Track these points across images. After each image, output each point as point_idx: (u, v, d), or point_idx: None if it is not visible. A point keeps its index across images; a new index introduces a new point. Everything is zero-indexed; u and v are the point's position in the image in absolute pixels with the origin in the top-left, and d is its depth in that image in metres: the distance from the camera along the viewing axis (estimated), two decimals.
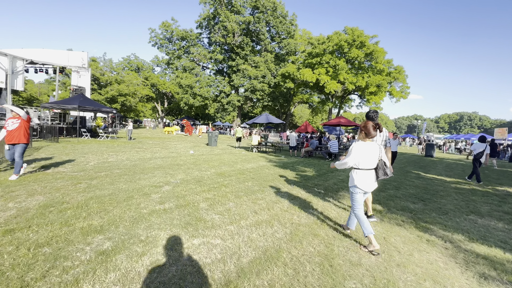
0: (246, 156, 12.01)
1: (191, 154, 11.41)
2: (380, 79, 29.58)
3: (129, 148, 12.18)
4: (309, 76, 29.36)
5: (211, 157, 10.76)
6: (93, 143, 13.73)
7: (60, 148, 10.51)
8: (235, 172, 7.24)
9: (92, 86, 36.16)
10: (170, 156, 10.03)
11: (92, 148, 11.30)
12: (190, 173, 6.79)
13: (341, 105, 38.31)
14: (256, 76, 35.71)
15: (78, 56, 18.42)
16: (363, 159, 2.88)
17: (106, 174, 6.01)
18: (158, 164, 7.98)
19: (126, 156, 9.41)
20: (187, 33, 39.02)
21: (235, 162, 9.61)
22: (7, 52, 15.03)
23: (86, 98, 15.91)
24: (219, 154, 11.94)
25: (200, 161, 9.31)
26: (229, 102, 37.47)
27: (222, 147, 16.16)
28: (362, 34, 28.50)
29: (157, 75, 45.59)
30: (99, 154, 9.40)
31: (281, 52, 41.29)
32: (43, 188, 4.46)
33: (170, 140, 18.98)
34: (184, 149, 13.22)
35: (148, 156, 9.80)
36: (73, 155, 8.77)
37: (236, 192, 5.03)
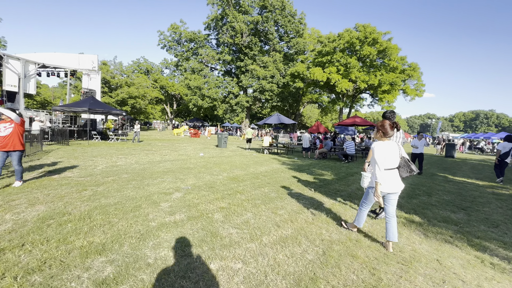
0: (257, 158, 11.54)
1: (201, 156, 11.05)
2: (394, 76, 28.53)
3: (138, 150, 11.94)
4: (320, 75, 28.63)
5: (222, 159, 10.35)
6: (103, 145, 13.61)
7: (69, 151, 10.37)
8: (249, 176, 6.78)
9: (103, 89, 36.68)
10: (179, 159, 9.69)
11: (102, 151, 11.12)
12: (201, 177, 6.38)
13: (352, 104, 37.30)
14: (264, 76, 35.26)
15: (89, 59, 18.50)
16: (384, 159, 2.77)
17: (114, 179, 5.67)
18: (168, 167, 7.62)
19: (135, 159, 9.13)
20: (195, 34, 39.02)
21: (247, 165, 9.16)
22: (19, 56, 15.19)
23: (96, 101, 15.88)
24: (229, 156, 11.53)
25: (211, 164, 8.91)
26: (238, 103, 37.15)
27: (232, 149, 15.76)
28: (375, 31, 27.57)
29: (166, 77, 45.87)
30: (108, 157, 9.16)
31: (289, 51, 40.69)
32: (46, 196, 4.13)
33: (180, 142, 18.77)
34: (193, 151, 12.89)
35: (158, 159, 9.49)
36: (82, 159, 8.55)
37: (252, 200, 4.57)
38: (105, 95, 35.43)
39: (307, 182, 6.53)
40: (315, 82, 34.17)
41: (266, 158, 11.76)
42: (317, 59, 31.89)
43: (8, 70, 14.55)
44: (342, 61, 28.64)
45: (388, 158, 2.79)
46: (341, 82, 28.16)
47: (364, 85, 28.85)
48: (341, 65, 29.08)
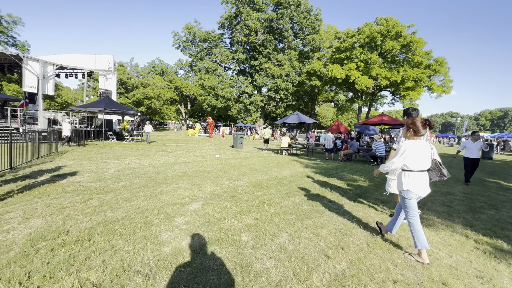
0: (277, 160, 10.75)
1: (217, 158, 10.42)
2: (418, 72, 26.71)
3: (153, 152, 11.52)
4: (338, 72, 27.33)
5: (239, 161, 9.65)
6: (118, 146, 13.36)
7: (84, 152, 10.08)
8: (273, 182, 6.00)
9: (119, 90, 37.33)
10: (195, 161, 9.09)
11: (116, 152, 10.77)
12: (220, 183, 5.68)
13: (372, 102, 35.54)
14: (279, 74, 34.35)
15: (105, 60, 18.50)
16: (415, 159, 2.59)
17: (124, 185, 5.10)
18: (183, 171, 7.01)
19: (149, 161, 8.63)
20: (209, 34, 38.79)
21: (267, 167, 8.39)
22: (38, 58, 15.31)
23: (112, 101, 15.74)
24: (247, 158, 10.82)
25: (229, 166, 8.23)
26: (252, 103, 36.48)
27: (248, 150, 15.06)
28: (398, 24, 25.91)
29: (181, 78, 46.09)
30: (122, 159, 8.73)
31: (304, 49, 39.51)
32: (46, 207, 3.58)
33: (194, 143, 18.34)
34: (209, 152, 12.31)
35: (172, 161, 8.94)
36: (94, 160, 8.16)
37: (284, 214, 3.79)
38: (121, 96, 35.99)
39: (341, 189, 5.65)
40: (332, 80, 32.84)
41: (286, 160, 10.93)
42: (334, 56, 30.56)
43: (27, 72, 14.69)
44: (362, 57, 27.20)
45: (419, 159, 2.58)
46: (361, 79, 26.72)
47: (386, 82, 27.23)
48: (360, 61, 27.63)
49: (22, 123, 14.92)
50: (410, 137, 2.67)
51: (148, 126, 16.34)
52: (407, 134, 2.70)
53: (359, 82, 26.53)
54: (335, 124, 18.48)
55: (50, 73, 15.86)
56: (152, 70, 45.48)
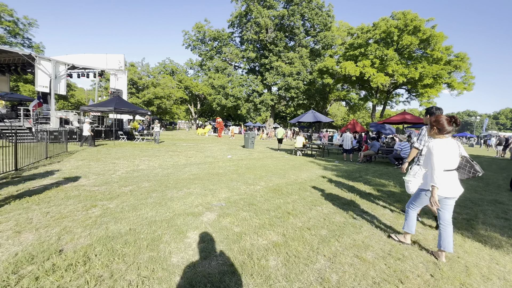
0: (292, 161, 10.14)
1: (229, 158, 9.92)
2: (438, 68, 25.36)
3: (163, 152, 11.16)
4: (352, 70, 26.34)
5: (253, 162, 9.11)
6: (128, 146, 13.11)
7: (93, 152, 9.82)
8: (294, 187, 5.42)
9: (130, 90, 37.63)
10: (206, 162, 8.62)
11: (126, 152, 10.47)
12: (235, 187, 5.16)
13: (386, 101, 34.22)
14: (290, 73, 33.61)
15: (115, 59, 18.40)
16: (443, 158, 2.39)
17: (132, 189, 4.66)
18: (194, 173, 6.53)
19: (159, 162, 8.23)
20: (219, 32, 38.47)
21: (284, 170, 7.80)
22: (50, 58, 15.31)
23: (122, 100, 15.57)
24: (260, 159, 10.26)
25: (242, 168, 7.70)
26: (262, 102, 35.93)
27: (260, 150, 14.51)
28: (416, 18, 24.64)
29: (190, 78, 46.08)
30: (131, 160, 8.37)
31: (315, 47, 38.58)
32: (42, 217, 3.15)
33: (204, 142, 17.97)
34: (220, 152, 11.84)
35: (183, 161, 8.50)
36: (103, 161, 7.82)
37: (314, 227, 3.21)
38: (132, 95, 36.25)
39: (371, 196, 5.00)
40: (346, 78, 31.80)
41: (302, 161, 10.30)
42: (348, 53, 29.53)
43: (40, 71, 14.70)
44: (377, 54, 26.09)
45: (448, 157, 2.46)
46: (376, 77, 25.63)
47: (403, 79, 25.99)
48: (376, 57, 26.52)
49: (34, 122, 14.96)
50: (435, 136, 2.55)
51: (157, 126, 16.02)
52: (431, 132, 2.59)
53: (374, 80, 25.44)
54: (350, 123, 17.64)
55: (62, 72, 15.85)
56: (162, 70, 45.69)
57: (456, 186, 2.49)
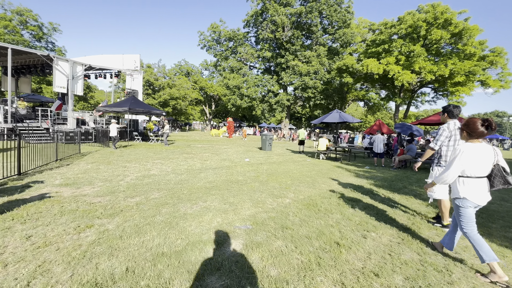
0: (316, 165, 9.15)
1: (247, 162, 9.10)
2: (471, 65, 23.24)
3: (177, 154, 10.54)
4: (375, 67, 24.76)
5: (274, 167, 8.22)
6: (142, 147, 12.67)
7: (106, 154, 9.36)
8: (330, 201, 4.47)
9: (146, 91, 38.01)
10: (223, 166, 7.85)
11: (139, 154, 9.94)
12: (260, 200, 4.30)
13: (411, 100, 32.10)
14: (307, 72, 32.41)
15: (131, 59, 18.23)
16: (474, 164, 2.27)
17: (139, 202, 3.93)
18: (211, 180, 5.75)
19: (172, 165, 7.55)
20: (235, 32, 37.99)
21: (310, 176, 6.85)
22: (68, 58, 15.29)
23: (137, 101, 15.24)
24: (281, 163, 9.36)
25: (263, 174, 6.84)
26: (278, 102, 34.96)
27: (278, 152, 13.59)
28: (448, 10, 22.71)
29: (205, 79, 46.02)
30: (143, 163, 7.76)
31: (333, 45, 37.10)
32: (21, 243, 2.44)
33: (219, 144, 17.32)
34: (236, 155, 11.06)
35: (198, 165, 7.78)
36: (114, 164, 7.26)
37: (383, 273, 2.26)
38: (148, 96, 36.56)
39: (432, 215, 3.95)
40: (367, 76, 30.14)
41: (327, 165, 9.28)
42: (370, 50, 27.92)
43: (57, 72, 14.70)
44: (403, 50, 24.35)
45: (478, 163, 2.26)
46: (401, 74, 23.90)
47: (431, 77, 24.07)
48: (401, 54, 24.78)
49: (52, 123, 14.96)
50: (467, 140, 2.38)
51: (166, 126, 14.80)
52: (462, 135, 2.45)
53: (400, 78, 23.72)
54: (376, 124, 16.28)
55: (79, 73, 15.80)
56: (178, 71, 45.97)
57: (486, 194, 2.32)
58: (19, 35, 29.56)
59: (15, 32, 29.43)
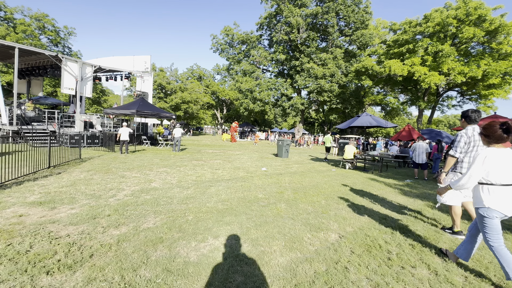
0: (345, 177, 7.75)
1: (265, 172, 7.85)
2: (507, 65, 21.08)
3: (185, 160, 9.46)
4: (398, 69, 23.02)
5: (298, 179, 6.92)
6: (149, 152, 11.72)
7: (108, 160, 8.39)
8: (401, 241, 3.10)
9: (158, 95, 37.80)
10: (237, 177, 6.63)
11: (143, 160, 8.93)
12: (295, 236, 3.02)
13: (436, 104, 29.88)
14: (323, 75, 30.97)
15: (142, 60, 17.60)
16: (499, 171, 2.10)
17: (122, 238, 2.75)
18: (224, 199, 4.53)
19: (178, 176, 6.41)
20: (248, 35, 37.26)
21: (348, 194, 5.49)
22: (77, 59, 14.77)
23: (146, 103, 14.43)
24: (304, 174, 8.03)
25: (288, 189, 5.55)
26: (292, 106, 33.64)
27: (297, 160, 12.26)
28: (482, 5, 20.75)
29: (217, 83, 45.53)
30: (145, 172, 6.68)
31: (349, 47, 35.55)
32: None
33: (231, 149, 16.18)
34: (251, 163, 9.84)
35: (208, 176, 6.60)
36: (112, 173, 6.21)
37: None
38: (160, 100, 36.28)
39: None
40: (388, 79, 28.38)
41: (359, 178, 7.86)
42: (392, 50, 26.19)
43: (66, 73, 14.17)
44: (430, 50, 22.49)
45: (504, 170, 2.11)
46: (428, 76, 22.01)
47: (461, 79, 22.01)
48: (427, 54, 22.90)
49: (59, 126, 14.38)
50: (489, 145, 2.21)
51: (178, 130, 13.06)
52: (483, 141, 2.28)
53: (427, 80, 21.84)
54: (405, 130, 14.58)
55: (88, 74, 15.24)
56: (190, 75, 45.75)
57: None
58: (37, 39, 30.08)
59: (33, 37, 29.98)
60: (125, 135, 11.01)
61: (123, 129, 11.06)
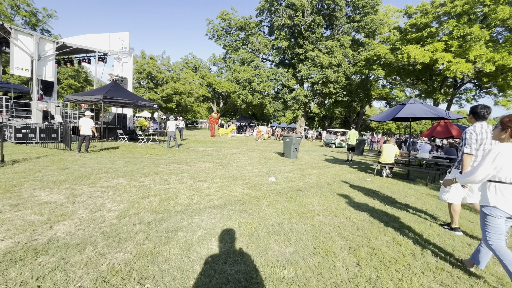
0: (393, 191, 5.05)
1: (274, 183, 5.08)
2: None
3: (163, 163, 6.65)
4: (419, 55, 20.20)
5: (332, 203, 4.16)
6: (121, 151, 8.88)
7: (44, 164, 5.52)
8: None
9: (148, 85, 34.59)
10: (232, 200, 3.84)
11: (102, 163, 6.09)
12: None
13: (453, 97, 27.21)
14: (329, 64, 28.06)
15: (118, 38, 14.55)
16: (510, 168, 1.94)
17: None
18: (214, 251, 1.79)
19: (132, 197, 3.59)
20: (246, 20, 34.01)
21: (447, 243, 2.79)
22: (32, 32, 11.71)
23: (119, 88, 11.49)
24: (333, 187, 5.29)
25: (333, 236, 2.81)
26: (294, 98, 30.77)
27: (309, 161, 9.54)
28: None
29: (214, 75, 42.37)
30: (80, 189, 3.85)
31: (357, 35, 32.62)
32: None
33: (227, 146, 13.37)
34: (252, 167, 7.08)
35: (183, 198, 3.79)
36: (15, 193, 3.39)
37: None
38: (150, 91, 33.16)
39: None
40: (401, 68, 25.59)
41: (413, 193, 5.15)
42: (409, 35, 23.28)
43: (17, 49, 11.15)
44: (455, 33, 19.65)
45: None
46: (453, 64, 19.22)
47: (490, 67, 19.26)
48: (453, 38, 20.07)
49: (10, 116, 11.42)
50: (507, 140, 2.01)
51: (172, 122, 10.88)
52: (501, 135, 2.05)
53: (452, 68, 19.08)
54: (440, 125, 11.89)
55: (49, 52, 12.21)
56: (185, 66, 42.47)
57: None
58: (8, 19, 26.58)
59: (5, 17, 26.50)
60: (86, 128, 8.16)
61: (83, 120, 8.20)
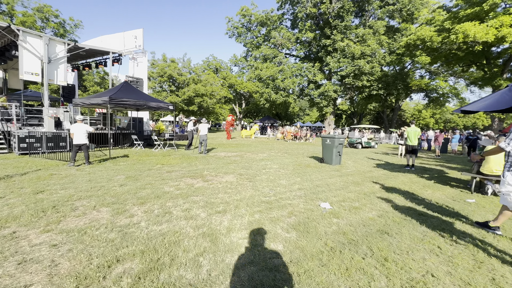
0: None
1: (330, 212, 3.05)
2: None
3: (174, 176, 4.94)
4: (480, 32, 16.70)
5: (444, 252, 2.07)
6: (129, 161, 7.43)
7: (31, 183, 4.11)
8: None
9: (170, 88, 34.17)
10: (273, 255, 1.90)
11: (100, 181, 4.53)
12: None
13: None
14: (362, 53, 25.05)
15: (132, 35, 13.46)
16: None
17: None
18: None
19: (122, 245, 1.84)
20: (268, 14, 32.10)
21: None
22: (41, 34, 10.92)
23: (129, 88, 10.22)
24: (422, 217, 3.12)
25: None
26: (322, 94, 28.13)
27: (357, 168, 7.31)
28: None
29: (235, 76, 41.11)
30: (57, 227, 2.21)
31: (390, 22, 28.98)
32: None
33: (252, 150, 11.52)
34: (287, 180, 5.10)
35: (199, 257, 1.96)
36: None
37: None
38: (172, 94, 32.66)
39: None
40: (450, 54, 21.82)
41: None
42: (462, 12, 19.62)
43: (26, 52, 10.41)
44: None
45: None
46: None
47: None
48: None
49: (22, 124, 10.69)
50: None
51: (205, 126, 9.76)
52: None
53: None
54: None
55: (60, 54, 11.38)
56: (206, 68, 41.77)
57: None
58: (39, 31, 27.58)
59: (35, 29, 27.53)
60: (79, 136, 6.81)
61: (76, 127, 6.88)
